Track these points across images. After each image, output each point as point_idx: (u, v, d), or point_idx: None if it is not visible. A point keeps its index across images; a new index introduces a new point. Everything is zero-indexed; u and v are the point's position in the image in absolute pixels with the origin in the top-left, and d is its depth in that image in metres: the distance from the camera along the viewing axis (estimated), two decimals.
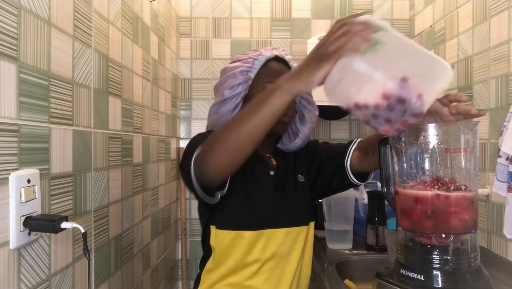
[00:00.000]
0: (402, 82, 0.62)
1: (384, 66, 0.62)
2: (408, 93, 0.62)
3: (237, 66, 1.05)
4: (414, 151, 0.86)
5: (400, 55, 0.64)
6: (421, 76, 0.63)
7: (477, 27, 1.36)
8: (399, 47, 0.64)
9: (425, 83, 0.63)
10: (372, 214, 1.39)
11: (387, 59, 0.63)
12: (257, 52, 1.07)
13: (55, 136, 0.82)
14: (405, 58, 0.64)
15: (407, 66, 0.63)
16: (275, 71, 1.05)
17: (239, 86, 1.03)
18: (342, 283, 1.09)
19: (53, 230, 0.74)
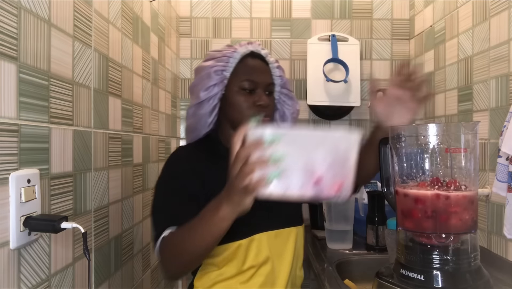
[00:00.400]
0: (317, 186, 0.64)
1: (297, 177, 0.64)
2: (328, 193, 0.65)
3: (211, 66, 1.00)
4: (414, 151, 0.86)
5: (305, 152, 0.64)
6: (332, 165, 0.64)
7: (477, 27, 1.36)
8: (301, 144, 0.64)
9: (339, 169, 0.65)
10: (372, 214, 1.39)
11: (295, 166, 0.63)
12: (232, 48, 1.03)
13: (55, 136, 0.82)
14: (311, 153, 0.64)
15: (316, 162, 0.64)
16: (251, 68, 1.01)
17: (214, 87, 0.99)
18: (342, 283, 1.09)
19: (53, 230, 0.74)
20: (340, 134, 0.65)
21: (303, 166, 0.64)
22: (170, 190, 0.96)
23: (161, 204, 0.96)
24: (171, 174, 0.99)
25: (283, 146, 0.63)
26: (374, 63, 2.02)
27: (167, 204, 0.95)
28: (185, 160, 1.01)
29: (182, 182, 0.96)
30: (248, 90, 1.00)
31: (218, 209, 0.75)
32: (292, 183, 0.64)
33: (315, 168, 0.64)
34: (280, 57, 2.01)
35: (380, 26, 2.01)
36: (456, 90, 1.50)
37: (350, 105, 1.93)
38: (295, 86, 2.01)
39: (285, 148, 0.63)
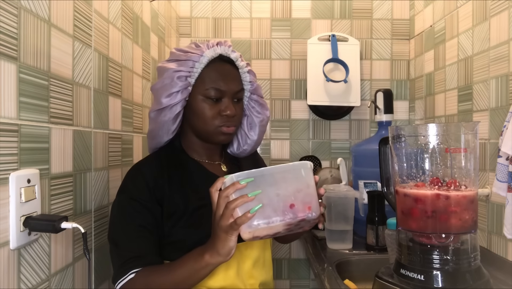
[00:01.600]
0: (292, 210, 0.76)
1: (274, 208, 0.75)
2: (302, 214, 0.77)
3: (175, 70, 0.91)
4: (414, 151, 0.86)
5: (275, 186, 0.76)
6: (299, 190, 0.77)
7: (477, 27, 1.36)
8: (270, 180, 0.76)
9: (305, 193, 0.77)
10: (372, 214, 1.39)
11: (270, 200, 0.75)
12: (198, 50, 0.93)
13: (55, 136, 0.82)
14: (280, 186, 0.76)
15: (286, 192, 0.76)
16: (219, 74, 0.94)
17: (178, 94, 0.92)
18: (342, 283, 1.09)
19: (53, 230, 0.74)
20: (298, 164, 0.78)
21: (276, 197, 0.75)
22: (129, 215, 0.89)
23: (120, 236, 0.88)
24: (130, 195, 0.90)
25: (256, 185, 0.74)
26: (374, 63, 2.02)
27: (127, 235, 0.87)
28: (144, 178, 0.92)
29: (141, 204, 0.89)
30: (214, 99, 0.94)
31: (202, 256, 0.78)
32: (272, 214, 0.75)
33: (286, 197, 0.76)
34: (280, 57, 2.01)
35: (380, 26, 2.01)
36: (456, 90, 1.50)
37: (350, 105, 1.93)
38: (295, 86, 2.01)
39: (258, 186, 0.74)
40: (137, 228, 0.87)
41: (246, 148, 1.07)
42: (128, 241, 0.87)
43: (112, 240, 0.89)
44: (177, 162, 0.98)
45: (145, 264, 0.84)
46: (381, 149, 1.04)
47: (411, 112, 1.98)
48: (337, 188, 1.45)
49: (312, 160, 1.98)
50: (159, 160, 0.97)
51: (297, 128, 2.01)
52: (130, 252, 0.85)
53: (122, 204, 0.90)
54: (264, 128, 1.06)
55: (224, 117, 0.95)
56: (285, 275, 1.99)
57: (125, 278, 0.82)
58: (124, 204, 0.90)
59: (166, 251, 0.91)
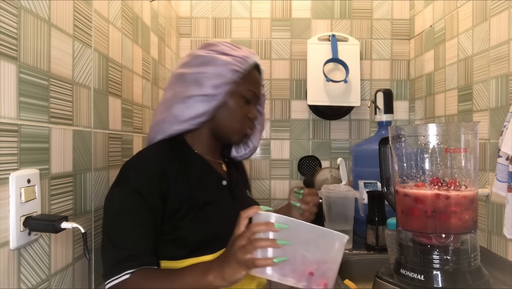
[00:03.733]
0: (308, 278, 0.70)
1: (293, 266, 0.70)
2: (316, 286, 0.70)
3: (229, 62, 0.93)
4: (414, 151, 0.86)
5: (304, 245, 0.70)
6: (324, 261, 0.71)
7: (477, 27, 1.36)
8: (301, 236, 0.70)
9: (328, 267, 0.71)
10: (372, 214, 1.39)
11: (293, 256, 0.69)
12: (245, 51, 0.98)
13: (55, 136, 0.82)
14: (309, 247, 0.70)
15: (312, 257, 0.70)
16: (256, 80, 1.01)
17: (225, 86, 0.92)
18: (342, 283, 1.09)
19: (53, 230, 0.74)
20: (337, 234, 0.71)
21: (301, 258, 0.70)
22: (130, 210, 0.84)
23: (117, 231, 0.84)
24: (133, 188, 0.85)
25: (287, 234, 0.69)
26: (374, 63, 2.02)
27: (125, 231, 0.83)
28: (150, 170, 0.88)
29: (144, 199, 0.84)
30: (249, 101, 0.98)
31: (205, 276, 0.74)
32: (288, 273, 0.70)
33: (310, 263, 0.70)
34: (280, 57, 2.01)
35: (380, 26, 2.01)
36: (456, 90, 1.50)
37: (350, 105, 1.93)
38: (295, 86, 2.01)
39: (289, 236, 0.69)
40: (136, 224, 0.83)
41: (247, 152, 1.09)
42: (126, 237, 0.82)
43: (108, 233, 0.84)
44: (183, 155, 0.96)
45: (141, 265, 0.80)
46: (381, 149, 1.04)
47: (411, 112, 1.98)
48: (337, 188, 1.45)
49: (312, 160, 1.98)
50: (166, 151, 0.93)
51: (297, 128, 2.01)
52: (126, 249, 0.81)
53: (123, 195, 0.85)
54: (260, 136, 1.11)
55: (249, 120, 1.00)
56: None
57: (118, 278, 0.78)
58: (125, 196, 0.85)
59: (165, 248, 0.87)
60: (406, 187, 0.86)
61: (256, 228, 0.70)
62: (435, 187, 0.82)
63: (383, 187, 1.05)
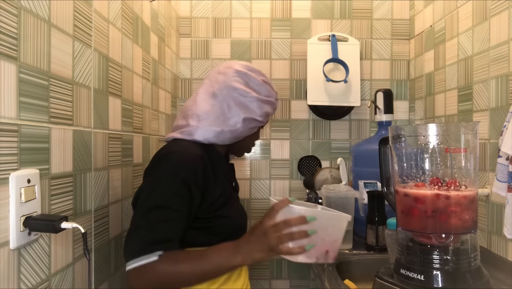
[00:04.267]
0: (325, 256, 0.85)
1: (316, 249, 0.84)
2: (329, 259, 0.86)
3: (272, 96, 1.06)
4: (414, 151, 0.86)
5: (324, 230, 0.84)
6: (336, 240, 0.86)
7: (477, 27, 1.36)
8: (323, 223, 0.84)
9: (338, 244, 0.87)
10: (372, 214, 1.39)
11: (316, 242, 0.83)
12: (273, 89, 1.08)
13: (55, 136, 0.82)
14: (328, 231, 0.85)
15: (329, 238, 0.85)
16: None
17: (263, 120, 1.05)
18: (342, 283, 1.09)
19: (53, 230, 0.74)
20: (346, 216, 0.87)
21: (322, 241, 0.84)
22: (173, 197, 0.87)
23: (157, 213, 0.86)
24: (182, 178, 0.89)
25: (313, 224, 0.82)
26: (374, 63, 2.02)
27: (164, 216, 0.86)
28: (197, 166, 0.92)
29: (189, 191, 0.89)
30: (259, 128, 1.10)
31: (233, 258, 0.85)
32: (312, 254, 0.84)
33: (327, 243, 0.85)
34: (280, 57, 2.01)
35: (380, 26, 2.01)
36: (456, 90, 1.50)
37: (350, 105, 1.93)
38: (295, 86, 2.01)
39: (314, 226, 0.83)
40: (176, 212, 0.87)
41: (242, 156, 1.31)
42: (164, 222, 0.85)
43: (146, 215, 0.86)
44: (213, 155, 1.03)
45: (169, 249, 0.85)
46: (381, 149, 1.04)
47: (411, 112, 1.98)
48: (337, 188, 1.45)
49: (312, 160, 1.98)
50: (203, 149, 0.98)
51: (297, 128, 2.01)
52: (161, 234, 0.84)
53: (170, 183, 0.88)
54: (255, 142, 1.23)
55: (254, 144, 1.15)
56: (285, 275, 1.99)
57: (148, 258, 0.82)
58: (173, 184, 0.88)
59: (197, 235, 0.94)
60: (406, 187, 0.86)
61: (292, 222, 0.82)
62: (435, 187, 0.82)
63: (383, 187, 1.05)
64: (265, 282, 1.99)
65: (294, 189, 2.01)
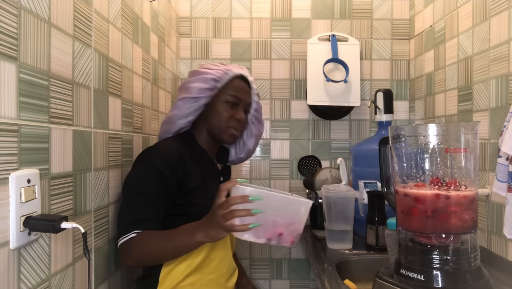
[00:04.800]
0: (278, 238, 0.86)
1: (265, 230, 0.85)
2: (284, 243, 0.87)
3: (209, 73, 1.18)
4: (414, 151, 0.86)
5: (275, 212, 0.85)
6: (292, 223, 0.86)
7: (477, 27, 1.36)
8: (273, 204, 0.85)
9: (295, 228, 0.87)
10: (372, 214, 1.39)
11: (265, 222, 0.85)
12: (227, 67, 1.21)
13: (55, 136, 0.82)
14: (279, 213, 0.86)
15: (281, 221, 0.86)
16: (239, 87, 1.20)
17: (206, 91, 1.17)
18: (342, 283, 1.09)
19: (53, 230, 0.73)
20: (303, 201, 0.87)
21: (272, 222, 0.85)
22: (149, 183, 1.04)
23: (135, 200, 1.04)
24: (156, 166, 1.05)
25: (261, 203, 0.84)
26: (374, 63, 2.02)
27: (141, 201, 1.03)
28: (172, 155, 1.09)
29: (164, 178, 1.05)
30: (232, 103, 1.19)
31: (193, 235, 0.93)
32: (261, 234, 0.86)
33: (280, 226, 0.86)
34: (280, 57, 2.01)
35: (380, 26, 2.01)
36: (456, 90, 1.50)
37: (350, 105, 1.93)
38: (295, 86, 2.01)
39: (262, 204, 0.84)
40: (152, 196, 1.03)
41: (243, 155, 1.32)
42: (141, 205, 1.03)
43: (127, 199, 1.05)
44: (194, 149, 1.19)
45: (147, 228, 1.00)
46: (381, 149, 1.04)
47: (411, 112, 1.98)
48: (337, 188, 1.45)
49: (312, 160, 1.98)
50: (183, 142, 1.17)
51: (297, 128, 2.01)
52: (138, 215, 1.02)
53: (147, 171, 1.06)
54: (257, 141, 1.32)
55: (235, 121, 1.19)
56: (285, 275, 1.99)
57: (128, 235, 0.99)
58: (149, 172, 1.05)
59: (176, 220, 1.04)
60: (406, 187, 0.86)
61: (233, 201, 0.86)
62: (435, 187, 0.82)
63: (383, 187, 1.05)
64: (265, 282, 1.99)
65: (294, 189, 2.01)
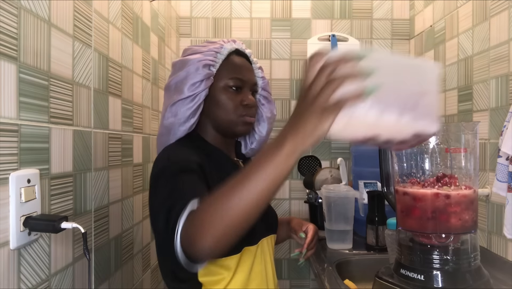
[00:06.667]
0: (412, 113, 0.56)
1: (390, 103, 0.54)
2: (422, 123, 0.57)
3: (199, 59, 0.91)
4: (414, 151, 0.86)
5: (396, 76, 0.55)
6: (424, 93, 0.57)
7: (477, 27, 1.36)
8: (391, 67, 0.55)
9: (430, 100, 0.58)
10: (372, 214, 1.38)
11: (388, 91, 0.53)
12: (217, 43, 0.96)
13: (55, 136, 0.82)
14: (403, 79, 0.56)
15: (411, 87, 0.57)
16: (239, 65, 0.96)
17: (202, 84, 0.90)
18: (342, 283, 1.09)
19: (53, 230, 0.74)
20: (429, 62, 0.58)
21: (398, 88, 0.54)
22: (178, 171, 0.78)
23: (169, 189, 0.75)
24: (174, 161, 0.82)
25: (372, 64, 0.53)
26: None
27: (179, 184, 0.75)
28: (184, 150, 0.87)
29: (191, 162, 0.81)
30: (235, 88, 0.94)
31: (282, 145, 0.57)
32: (388, 105, 0.53)
33: (410, 93, 0.56)
34: (280, 57, 2.01)
35: (380, 26, 2.01)
36: (456, 90, 1.50)
37: None
38: (295, 86, 2.01)
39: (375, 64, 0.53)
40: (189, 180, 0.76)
41: (254, 145, 1.05)
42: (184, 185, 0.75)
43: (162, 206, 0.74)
44: (207, 150, 0.94)
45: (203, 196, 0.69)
46: (381, 149, 1.04)
47: None
48: (337, 188, 1.45)
49: (312, 159, 1.98)
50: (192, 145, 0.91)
51: None
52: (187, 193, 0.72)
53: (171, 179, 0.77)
54: (271, 126, 1.04)
55: (246, 107, 0.94)
56: (285, 275, 1.99)
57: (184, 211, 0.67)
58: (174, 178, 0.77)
59: None
60: (406, 186, 0.86)
61: (329, 67, 0.54)
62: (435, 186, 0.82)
63: (383, 187, 1.05)
64: None
65: (294, 189, 2.01)
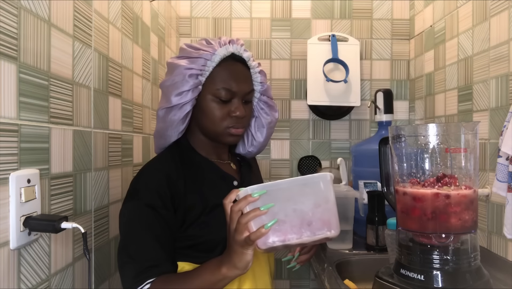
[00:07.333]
0: (310, 228, 0.71)
1: (290, 224, 0.71)
2: (320, 232, 0.72)
3: (186, 67, 0.89)
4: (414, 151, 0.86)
5: (291, 201, 0.71)
6: (317, 205, 0.72)
7: (477, 27, 1.36)
8: (285, 195, 0.71)
9: (324, 209, 0.72)
10: (372, 214, 1.39)
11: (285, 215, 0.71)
12: (210, 47, 0.91)
13: (55, 136, 0.82)
14: (296, 200, 0.71)
15: (303, 207, 0.71)
16: (230, 74, 0.91)
17: (188, 93, 0.89)
18: (342, 283, 1.09)
19: (53, 230, 0.74)
20: (317, 176, 0.73)
21: (293, 213, 0.71)
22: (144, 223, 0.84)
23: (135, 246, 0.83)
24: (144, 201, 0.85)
25: (271, 198, 0.70)
26: (374, 63, 2.02)
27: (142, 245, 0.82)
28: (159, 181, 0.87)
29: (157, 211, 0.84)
30: (224, 99, 0.91)
31: (219, 269, 0.75)
32: (288, 231, 0.71)
33: (304, 213, 0.71)
34: (280, 57, 2.01)
35: (380, 26, 2.01)
36: (456, 90, 1.50)
37: (350, 105, 1.93)
38: (295, 86, 2.01)
39: (273, 199, 0.70)
40: (152, 236, 0.83)
41: (252, 149, 1.06)
42: (144, 250, 0.82)
43: (124, 249, 0.83)
44: (190, 161, 0.95)
45: (161, 273, 0.80)
46: (381, 149, 1.04)
47: (411, 112, 1.98)
48: (337, 188, 1.45)
49: (312, 160, 1.98)
50: (173, 159, 0.93)
51: (297, 128, 2.01)
52: (146, 261, 0.81)
53: (136, 210, 0.84)
54: (271, 130, 1.04)
55: (234, 119, 0.92)
56: (285, 275, 1.99)
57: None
58: (139, 210, 0.84)
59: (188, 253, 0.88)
60: (406, 186, 0.86)
61: (237, 207, 0.71)
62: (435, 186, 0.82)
63: (383, 187, 1.05)
64: None
65: None
